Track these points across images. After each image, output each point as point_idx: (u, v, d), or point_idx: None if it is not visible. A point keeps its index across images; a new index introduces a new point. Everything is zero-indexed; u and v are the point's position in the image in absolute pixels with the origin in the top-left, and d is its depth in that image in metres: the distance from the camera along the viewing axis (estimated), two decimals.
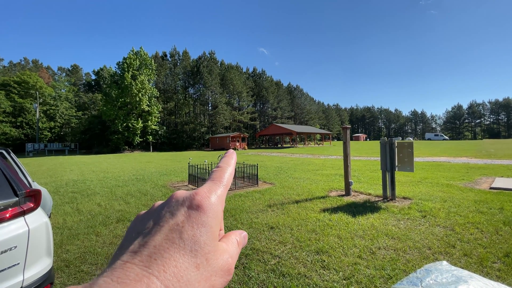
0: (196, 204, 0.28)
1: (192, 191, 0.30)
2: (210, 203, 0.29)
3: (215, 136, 47.29)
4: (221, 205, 0.30)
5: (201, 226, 0.27)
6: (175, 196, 0.30)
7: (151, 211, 0.30)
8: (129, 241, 0.27)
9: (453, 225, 4.28)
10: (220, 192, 0.31)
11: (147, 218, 0.30)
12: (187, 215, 0.27)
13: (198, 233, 0.26)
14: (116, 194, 7.41)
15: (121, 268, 0.23)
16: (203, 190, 0.30)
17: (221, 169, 0.34)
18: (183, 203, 0.29)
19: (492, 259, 3.15)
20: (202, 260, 0.25)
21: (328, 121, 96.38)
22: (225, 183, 0.32)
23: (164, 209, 0.29)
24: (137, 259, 0.24)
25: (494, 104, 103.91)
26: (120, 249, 0.27)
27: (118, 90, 41.14)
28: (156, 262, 0.23)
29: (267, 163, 16.15)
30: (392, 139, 5.98)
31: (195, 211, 0.28)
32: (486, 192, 6.49)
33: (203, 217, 0.27)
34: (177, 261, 0.24)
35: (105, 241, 4.00)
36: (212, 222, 0.28)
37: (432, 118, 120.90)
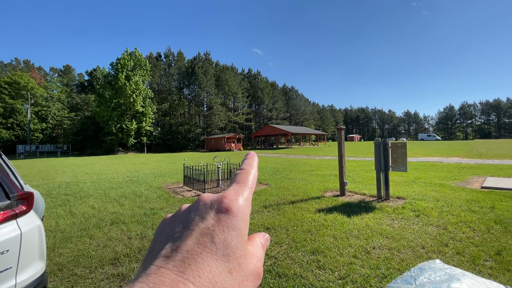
0: (225, 208, 0.28)
1: (219, 194, 0.30)
2: (239, 206, 0.28)
3: (210, 137, 47.15)
4: (248, 208, 0.30)
5: (232, 229, 0.27)
6: (202, 199, 0.30)
7: (178, 215, 0.30)
8: (160, 245, 0.26)
9: (445, 224, 4.35)
10: (246, 195, 0.30)
11: (175, 221, 0.29)
12: (216, 218, 0.27)
13: (229, 237, 0.26)
14: (110, 196, 7.32)
15: (156, 273, 0.22)
16: (231, 193, 0.30)
17: (245, 172, 0.34)
18: (212, 206, 0.28)
19: (484, 257, 3.21)
20: (234, 264, 0.25)
21: (323, 122, 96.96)
22: (250, 186, 0.32)
23: (192, 213, 0.29)
24: (171, 264, 0.23)
25: (485, 105, 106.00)
26: (150, 253, 0.27)
27: (112, 91, 40.71)
28: (190, 267, 0.23)
29: (262, 164, 16.17)
30: (386, 140, 6.05)
31: (224, 214, 0.27)
32: (478, 192, 6.61)
33: (233, 221, 0.27)
34: (211, 266, 0.24)
35: (99, 244, 3.96)
36: (242, 226, 0.28)
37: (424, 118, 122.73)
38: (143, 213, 5.46)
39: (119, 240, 4.08)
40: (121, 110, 41.36)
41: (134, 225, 4.74)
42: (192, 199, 6.66)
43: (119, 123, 40.15)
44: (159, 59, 57.47)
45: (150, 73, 47.01)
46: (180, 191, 7.79)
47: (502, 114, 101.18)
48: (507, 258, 3.12)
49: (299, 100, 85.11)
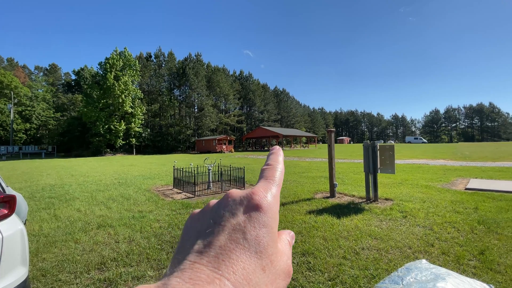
0: (255, 204, 0.27)
1: (248, 190, 0.29)
2: (269, 203, 0.28)
3: (201, 139, 46.80)
4: (277, 205, 0.29)
5: (263, 227, 0.26)
6: (230, 195, 0.29)
7: (207, 210, 0.30)
8: (190, 240, 0.26)
9: (431, 224, 4.46)
10: (275, 191, 0.30)
11: (204, 217, 0.29)
12: (247, 215, 0.26)
13: (261, 234, 0.26)
14: (96, 199, 7.14)
15: (191, 268, 0.22)
16: (259, 190, 0.29)
17: (272, 167, 0.33)
18: (241, 202, 0.28)
19: (468, 257, 3.31)
20: (267, 262, 0.25)
21: (314, 125, 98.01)
22: (278, 182, 0.31)
23: (221, 208, 0.28)
24: (205, 259, 0.23)
25: (469, 109, 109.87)
26: (181, 247, 0.26)
27: (100, 91, 39.86)
28: (224, 263, 0.23)
29: (253, 166, 16.17)
30: (375, 143, 6.17)
31: (254, 211, 0.27)
32: (462, 193, 6.82)
33: (264, 218, 0.27)
34: (245, 263, 0.23)
35: (85, 248, 3.85)
36: (272, 223, 0.27)
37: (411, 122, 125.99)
38: (131, 216, 5.35)
39: (106, 244, 3.98)
40: (109, 110, 40.51)
41: (122, 229, 4.63)
42: (182, 201, 6.58)
43: (107, 124, 39.30)
44: (149, 59, 56.72)
45: (140, 74, 46.32)
46: (170, 194, 7.68)
47: (485, 118, 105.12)
48: (490, 257, 3.23)
49: (290, 102, 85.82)
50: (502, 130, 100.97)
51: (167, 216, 5.31)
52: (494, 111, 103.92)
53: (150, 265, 3.29)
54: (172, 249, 3.74)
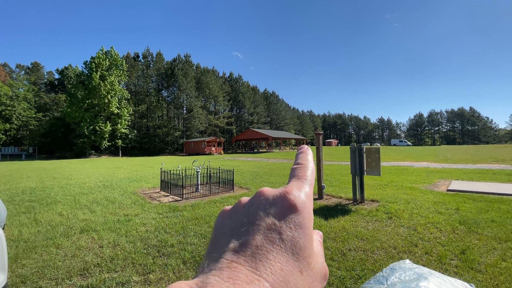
0: (290, 204, 0.26)
1: (281, 189, 0.28)
2: (304, 203, 0.27)
3: (190, 141, 46.30)
4: (311, 205, 0.28)
5: (299, 227, 0.25)
6: (263, 194, 0.28)
7: (239, 208, 0.29)
8: (224, 238, 0.26)
9: (415, 225, 4.59)
10: (308, 191, 0.29)
11: (236, 214, 0.28)
12: (282, 215, 0.26)
13: (297, 235, 0.25)
14: (80, 202, 6.91)
15: (228, 267, 0.22)
16: (293, 189, 0.28)
17: (303, 166, 0.32)
18: (275, 202, 0.27)
19: (450, 256, 3.42)
20: (304, 264, 0.24)
21: (303, 127, 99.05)
22: (310, 181, 0.30)
23: (254, 206, 0.27)
24: (242, 258, 0.23)
25: (450, 113, 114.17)
26: (214, 245, 0.26)
27: (85, 91, 38.80)
28: (262, 264, 0.22)
29: (243, 168, 16.12)
30: (361, 145, 6.30)
31: (289, 211, 0.26)
32: (444, 194, 7.06)
33: (299, 218, 0.26)
34: (282, 264, 0.23)
35: (67, 253, 3.71)
36: (308, 224, 0.26)
37: (397, 125, 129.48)
38: (116, 220, 5.21)
39: (89, 249, 3.85)
40: (94, 111, 39.45)
41: (106, 233, 4.50)
42: (170, 204, 6.47)
43: (92, 124, 38.24)
44: (136, 59, 55.74)
45: (127, 74, 45.43)
46: (157, 197, 7.53)
47: (466, 122, 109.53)
48: (471, 257, 3.35)
49: (280, 105, 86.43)
50: (481, 133, 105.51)
51: (154, 220, 5.21)
52: (474, 115, 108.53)
53: (136, 270, 3.20)
54: (158, 253, 3.67)
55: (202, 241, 4.05)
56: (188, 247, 3.84)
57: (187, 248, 3.78)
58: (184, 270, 3.21)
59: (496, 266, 3.10)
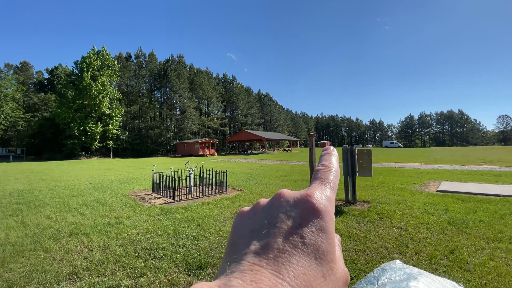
0: (312, 207, 0.26)
1: (302, 192, 0.28)
2: (326, 207, 0.26)
3: (183, 142, 45.93)
4: (333, 209, 0.28)
5: (321, 231, 0.25)
6: (283, 196, 0.28)
7: (258, 209, 0.28)
8: (244, 239, 0.25)
9: (406, 225, 4.66)
10: (330, 195, 0.28)
11: (255, 215, 0.28)
12: (304, 218, 0.25)
13: (320, 240, 0.24)
14: (69, 205, 6.76)
15: (251, 270, 0.21)
16: (315, 192, 0.27)
17: (327, 169, 0.31)
18: (296, 205, 0.26)
19: (439, 256, 3.48)
20: (327, 269, 0.24)
21: (296, 129, 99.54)
22: (333, 185, 0.30)
23: (275, 208, 0.27)
24: (264, 261, 0.22)
25: (440, 115, 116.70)
26: (234, 246, 0.26)
27: (75, 91, 38.10)
28: (284, 267, 0.22)
29: (236, 169, 16.08)
30: (353, 147, 6.37)
31: (311, 214, 0.25)
32: (434, 195, 7.19)
33: (321, 222, 0.25)
34: (306, 269, 0.22)
35: (55, 257, 3.62)
36: (330, 228, 0.26)
37: (388, 127, 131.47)
38: (106, 223, 5.11)
39: (78, 253, 3.76)
40: (85, 112, 38.77)
41: (96, 236, 4.41)
42: (162, 207, 6.39)
43: (83, 125, 37.55)
44: (129, 59, 55.09)
45: (118, 74, 44.82)
46: (149, 199, 7.44)
47: (455, 124, 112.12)
48: (460, 256, 3.41)
49: (274, 106, 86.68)
50: (470, 135, 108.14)
51: (145, 222, 5.13)
52: (462, 117, 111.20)
53: (126, 274, 3.15)
54: (150, 256, 3.61)
55: (195, 244, 4.01)
56: (180, 249, 3.80)
57: (179, 251, 3.74)
58: (176, 273, 3.17)
59: (484, 265, 3.17)
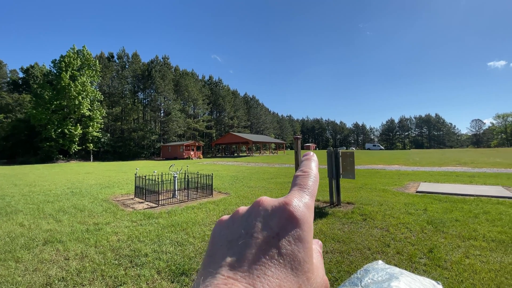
0: (289, 216, 0.25)
1: (280, 200, 0.27)
2: (304, 215, 0.26)
3: (167, 145, 45.03)
4: (312, 217, 0.27)
5: (298, 241, 0.24)
6: (262, 204, 0.27)
7: (236, 218, 0.28)
8: (221, 250, 0.25)
9: (388, 226, 4.78)
10: (309, 202, 0.28)
11: (234, 225, 0.27)
12: (281, 227, 0.25)
13: (296, 249, 0.24)
14: (44, 211, 6.41)
15: (225, 284, 0.21)
16: (293, 199, 0.27)
17: (306, 174, 0.31)
18: (274, 213, 0.26)
19: (419, 255, 3.59)
20: (303, 279, 0.23)
21: (282, 131, 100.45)
22: (312, 191, 0.29)
23: (252, 217, 0.26)
24: (239, 274, 0.22)
25: (419, 119, 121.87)
26: (211, 257, 0.25)
27: (53, 91, 36.44)
28: (259, 280, 0.21)
29: (222, 172, 15.94)
30: (337, 149, 6.49)
31: (289, 223, 0.25)
32: (414, 196, 7.46)
33: (299, 231, 0.25)
34: (281, 280, 0.22)
35: (27, 267, 3.40)
36: (308, 237, 0.25)
37: (370, 130, 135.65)
38: (85, 230, 4.88)
39: (53, 262, 3.56)
40: (63, 113, 37.13)
41: (73, 244, 4.20)
42: (144, 211, 6.20)
43: (60, 127, 35.91)
44: (111, 59, 53.48)
45: (100, 74, 43.37)
46: (130, 204, 7.20)
47: (432, 127, 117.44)
48: (438, 255, 3.54)
49: (260, 109, 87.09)
50: (446, 138, 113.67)
51: (127, 228, 4.95)
52: (439, 121, 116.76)
53: (105, 283, 3.01)
54: (131, 264, 3.48)
55: (178, 249, 3.91)
56: (163, 256, 3.69)
57: (162, 257, 3.63)
58: (159, 280, 3.07)
59: (460, 263, 3.31)
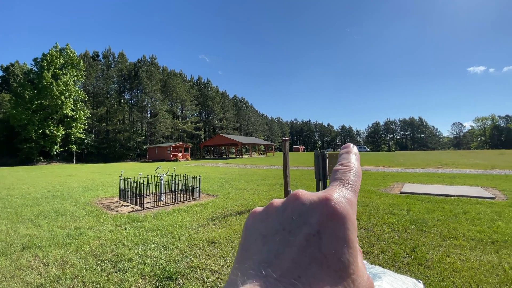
0: (331, 212, 0.23)
1: (320, 194, 0.25)
2: (347, 211, 0.23)
3: (154, 146, 44.20)
4: (355, 214, 0.24)
5: (342, 240, 0.22)
6: (299, 197, 0.25)
7: (272, 212, 0.26)
8: (256, 245, 0.24)
9: (373, 226, 4.89)
10: (352, 197, 0.25)
11: (268, 219, 0.25)
12: (322, 224, 0.23)
13: (340, 250, 0.22)
14: (23, 215, 6.13)
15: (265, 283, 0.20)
16: (334, 195, 0.24)
17: (347, 169, 0.28)
18: (313, 208, 0.24)
19: (402, 254, 3.69)
20: (349, 282, 0.21)
21: (271, 133, 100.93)
22: (354, 186, 0.27)
23: (289, 212, 0.24)
24: (278, 273, 0.20)
25: (403, 122, 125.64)
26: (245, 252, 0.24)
27: (34, 90, 35.08)
28: (300, 281, 0.20)
29: (211, 174, 15.80)
30: (324, 151, 6.57)
31: (331, 220, 0.23)
32: (398, 196, 7.66)
33: (342, 229, 0.23)
34: (324, 282, 0.20)
35: (4, 274, 3.24)
36: (352, 236, 0.23)
37: (357, 132, 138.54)
38: (65, 234, 4.70)
39: (31, 269, 3.41)
40: (44, 113, 35.77)
41: (53, 249, 4.03)
42: (129, 215, 6.04)
43: (42, 128, 34.56)
44: (96, 59, 52.07)
45: (84, 74, 42.14)
46: (115, 207, 7.00)
47: (416, 130, 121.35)
48: (420, 254, 3.64)
49: (249, 111, 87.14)
50: (429, 140, 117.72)
51: (110, 232, 4.81)
52: (422, 124, 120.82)
53: None
54: (114, 269, 3.38)
55: (164, 253, 3.83)
56: (148, 260, 3.60)
57: (147, 262, 3.55)
58: (143, 285, 2.99)
59: (441, 261, 3.41)
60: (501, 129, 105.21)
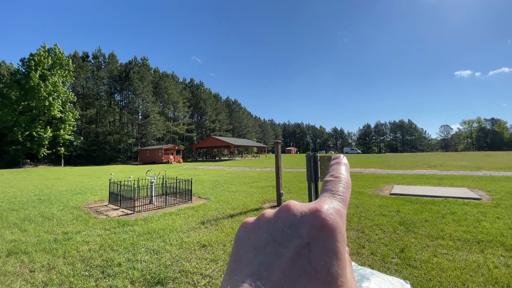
0: (321, 224, 0.23)
1: (310, 205, 0.25)
2: (337, 223, 0.24)
3: (145, 148, 43.64)
4: (344, 226, 0.25)
5: (331, 252, 0.22)
6: (290, 209, 0.25)
7: (263, 223, 0.26)
8: (247, 257, 0.24)
9: (363, 228, 4.95)
10: (341, 209, 0.26)
11: (260, 230, 0.26)
12: (313, 237, 0.23)
13: (329, 262, 0.22)
14: (8, 220, 5.94)
15: None
16: (324, 206, 0.25)
17: (337, 180, 0.29)
18: (303, 220, 0.24)
19: (391, 255, 3.75)
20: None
21: (264, 135, 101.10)
22: (344, 198, 0.27)
23: (280, 223, 0.25)
24: (268, 285, 0.21)
25: (393, 124, 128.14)
26: (236, 263, 0.24)
27: (21, 91, 34.18)
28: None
29: (203, 177, 15.70)
30: (315, 153, 6.64)
31: (321, 232, 0.23)
32: (387, 198, 7.79)
33: (331, 241, 0.23)
34: None
35: None
36: (342, 249, 0.23)
37: (348, 134, 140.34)
38: (52, 239, 4.58)
39: (17, 275, 3.31)
40: (31, 115, 34.86)
41: (40, 255, 3.92)
42: (119, 219, 5.94)
43: (28, 130, 33.65)
44: (86, 59, 51.15)
45: (73, 74, 41.31)
46: (104, 211, 6.87)
47: (405, 132, 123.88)
48: (409, 254, 3.72)
49: (242, 113, 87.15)
50: (418, 143, 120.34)
51: (99, 237, 4.71)
52: (412, 126, 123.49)
53: None
54: (103, 275, 3.31)
55: (154, 258, 3.78)
56: (137, 265, 3.55)
57: (137, 266, 3.49)
58: None
59: (429, 262, 3.49)
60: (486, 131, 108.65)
